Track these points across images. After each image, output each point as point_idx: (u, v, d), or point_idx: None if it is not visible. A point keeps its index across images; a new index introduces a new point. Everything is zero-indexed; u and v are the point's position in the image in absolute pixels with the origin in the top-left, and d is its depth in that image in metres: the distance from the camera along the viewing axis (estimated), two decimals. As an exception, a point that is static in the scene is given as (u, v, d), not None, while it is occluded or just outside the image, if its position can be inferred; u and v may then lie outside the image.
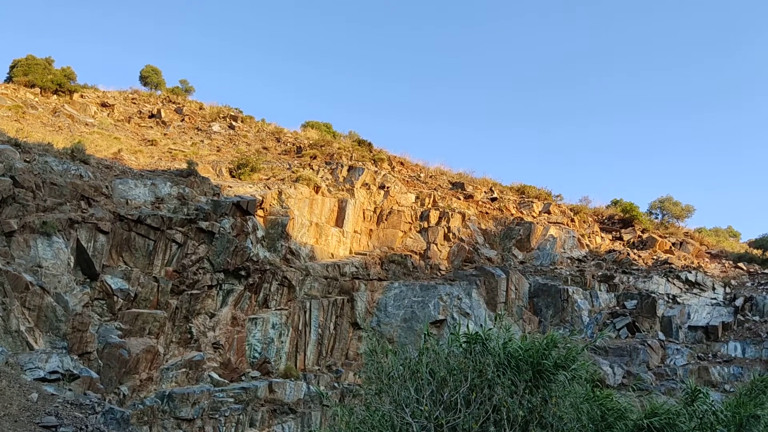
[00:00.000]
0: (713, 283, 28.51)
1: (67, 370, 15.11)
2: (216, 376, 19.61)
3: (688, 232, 35.69)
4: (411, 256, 27.05)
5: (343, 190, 27.87)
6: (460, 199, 31.64)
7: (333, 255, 25.57)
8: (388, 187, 29.05)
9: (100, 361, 16.65)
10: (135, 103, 36.51)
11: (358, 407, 8.61)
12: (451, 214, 29.03)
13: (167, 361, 18.72)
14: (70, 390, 14.67)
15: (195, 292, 20.01)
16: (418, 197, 30.07)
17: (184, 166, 24.43)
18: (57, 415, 12.77)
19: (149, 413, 16.95)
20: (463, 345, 8.67)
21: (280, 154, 32.35)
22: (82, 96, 34.00)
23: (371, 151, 33.93)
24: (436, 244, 28.10)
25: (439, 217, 28.97)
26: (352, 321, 23.95)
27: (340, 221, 26.50)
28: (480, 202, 32.20)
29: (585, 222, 34.10)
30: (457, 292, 25.30)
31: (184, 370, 18.85)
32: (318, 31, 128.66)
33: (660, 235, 33.61)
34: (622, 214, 35.79)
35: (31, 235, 16.87)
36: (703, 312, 26.76)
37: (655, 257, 30.98)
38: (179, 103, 37.66)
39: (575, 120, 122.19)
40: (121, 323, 17.94)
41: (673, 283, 28.08)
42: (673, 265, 29.54)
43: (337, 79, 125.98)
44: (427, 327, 9.25)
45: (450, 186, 33.63)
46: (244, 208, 22.20)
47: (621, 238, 33.84)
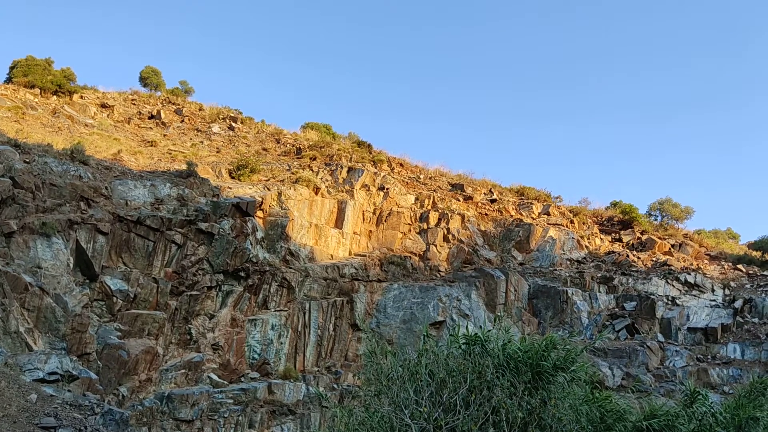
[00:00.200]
0: (712, 285, 28.53)
1: (66, 371, 15.10)
2: (215, 377, 19.60)
3: (687, 234, 35.71)
4: (410, 257, 27.05)
5: (342, 192, 27.88)
6: (459, 200, 31.65)
7: (332, 256, 25.58)
8: (387, 189, 29.06)
9: (100, 362, 16.64)
10: (135, 104, 36.53)
11: (358, 408, 8.62)
12: (451, 216, 29.04)
13: (166, 362, 18.71)
14: (69, 391, 14.67)
15: (194, 293, 20.00)
16: (417, 198, 30.08)
17: (184, 167, 24.43)
18: (56, 416, 12.77)
19: (148, 414, 16.94)
20: (463, 346, 8.69)
21: (279, 156, 32.36)
22: (81, 97, 34.01)
23: (371, 153, 33.94)
24: (436, 246, 28.10)
25: (439, 219, 28.97)
26: (352, 322, 23.94)
27: (339, 222, 26.50)
28: (479, 204, 32.21)
29: (584, 223, 34.12)
30: (456, 293, 25.30)
31: (184, 371, 18.84)
32: (318, 32, 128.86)
33: (659, 237, 33.64)
34: (622, 215, 35.83)
35: (31, 236, 16.88)
36: (703, 314, 26.77)
37: (654, 259, 31.00)
38: (179, 104, 37.67)
39: (575, 120, 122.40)
40: (121, 324, 17.94)
41: (673, 285, 28.09)
42: (672, 267, 29.56)
43: (336, 79, 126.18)
44: (426, 328, 9.26)
45: (449, 187, 33.64)
46: (243, 210, 22.20)
47: (620, 240, 33.87)
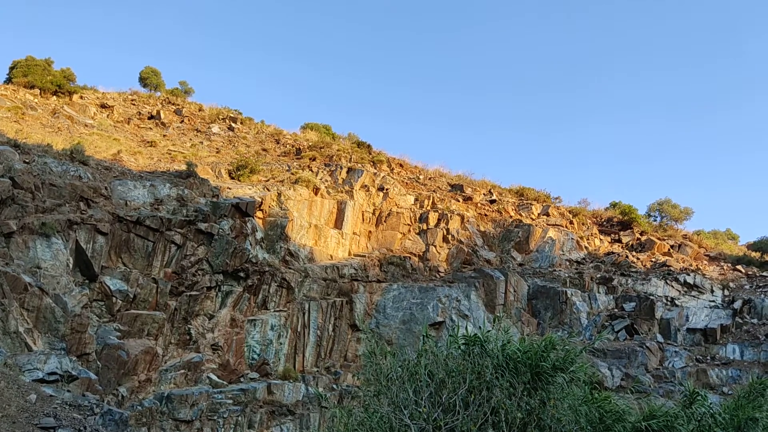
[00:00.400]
0: (712, 286, 28.54)
1: (65, 372, 15.10)
2: (215, 377, 19.60)
3: (686, 235, 35.72)
4: (410, 257, 27.05)
5: (342, 192, 27.88)
6: (459, 201, 31.66)
7: (332, 257, 25.58)
8: (387, 189, 29.06)
9: (99, 363, 16.64)
10: (134, 104, 36.53)
11: (357, 409, 8.63)
12: (450, 216, 29.05)
13: (166, 362, 18.71)
14: (68, 391, 14.67)
15: (194, 293, 20.01)
16: (417, 199, 30.09)
17: (184, 167, 24.43)
18: (55, 416, 12.77)
19: (148, 414, 16.94)
20: (462, 347, 8.70)
21: (279, 156, 32.37)
22: (81, 97, 34.00)
23: (370, 153, 33.95)
24: (435, 246, 28.11)
25: (438, 219, 28.98)
26: (351, 323, 23.94)
27: (339, 223, 26.51)
28: (479, 204, 32.21)
29: (584, 224, 34.13)
30: (455, 294, 25.30)
31: (183, 371, 18.84)
32: (318, 33, 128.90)
33: (658, 238, 33.65)
34: (621, 216, 35.84)
35: (30, 236, 16.88)
36: (702, 314, 26.78)
37: (653, 259, 31.01)
38: (178, 105, 37.67)
39: (574, 122, 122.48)
40: (120, 324, 17.94)
41: (672, 286, 28.11)
42: (671, 268, 29.57)
43: (336, 81, 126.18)
44: (425, 329, 9.27)
45: (449, 188, 33.65)
46: (243, 210, 22.21)
47: (620, 241, 33.88)
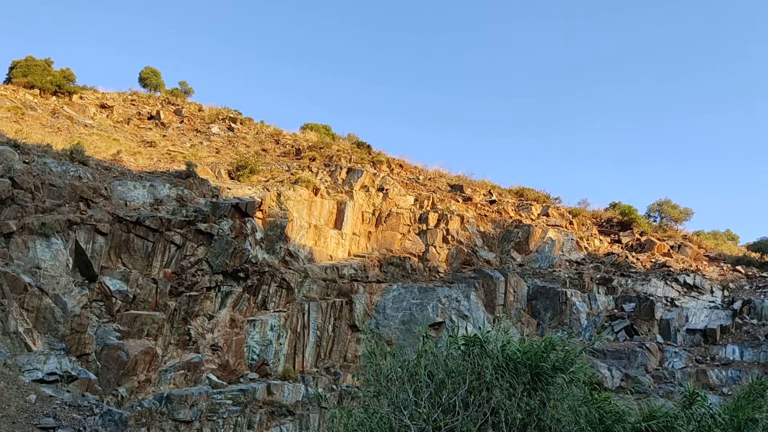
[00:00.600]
0: (711, 286, 28.54)
1: (65, 372, 15.10)
2: (214, 377, 19.59)
3: (686, 235, 35.72)
4: (409, 258, 27.05)
5: (341, 192, 27.88)
6: (458, 201, 31.66)
7: (332, 257, 25.58)
8: (386, 189, 29.06)
9: (99, 363, 16.63)
10: (134, 104, 36.52)
11: (357, 409, 8.63)
12: (450, 217, 29.05)
13: (165, 362, 18.70)
14: (68, 391, 14.67)
15: (193, 293, 20.00)
16: (416, 199, 30.09)
17: (183, 167, 24.43)
18: (55, 416, 12.77)
19: (147, 415, 16.93)
20: (462, 347, 8.70)
21: (279, 156, 32.37)
22: (81, 97, 34.00)
23: (370, 154, 33.95)
24: (435, 247, 28.11)
25: (438, 220, 28.98)
26: (351, 323, 23.93)
27: (338, 223, 26.50)
28: (479, 205, 32.21)
29: (583, 225, 34.13)
30: (455, 294, 25.30)
31: (183, 371, 18.83)
32: (318, 34, 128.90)
33: (658, 238, 33.66)
34: (621, 217, 35.84)
35: (30, 237, 16.87)
36: (702, 315, 26.78)
37: (653, 260, 31.01)
38: (178, 105, 37.66)
39: (575, 124, 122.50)
40: (120, 325, 17.93)
41: (672, 286, 28.11)
42: (671, 268, 29.57)
43: (336, 81, 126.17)
44: (425, 329, 9.27)
45: (449, 188, 33.65)
46: (242, 210, 22.21)
47: (619, 241, 33.88)
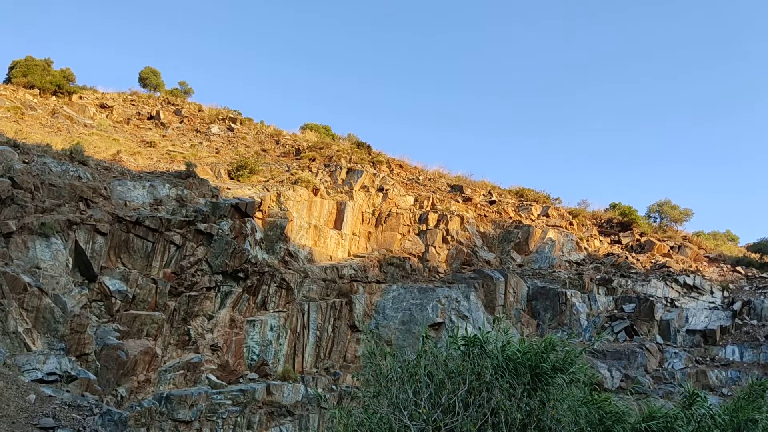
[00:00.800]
0: (711, 287, 28.54)
1: (64, 372, 15.10)
2: (214, 378, 19.58)
3: (686, 236, 35.72)
4: (409, 258, 27.04)
5: (341, 193, 27.87)
6: (458, 201, 31.65)
7: (331, 257, 25.57)
8: (386, 190, 29.05)
9: (98, 363, 16.63)
10: (134, 104, 36.51)
11: (356, 410, 8.62)
12: (450, 217, 29.05)
13: (165, 362, 18.69)
14: (67, 391, 14.66)
15: (193, 293, 19.99)
16: (416, 200, 30.08)
17: (183, 167, 24.42)
18: (54, 416, 12.76)
19: (147, 415, 16.92)
20: (462, 348, 8.70)
21: (278, 156, 32.36)
22: (81, 97, 33.99)
23: (370, 154, 33.94)
24: (435, 247, 28.10)
25: (438, 220, 28.97)
26: (350, 323, 23.93)
27: (338, 223, 26.49)
28: (479, 205, 32.21)
29: (583, 225, 34.12)
30: (455, 294, 25.29)
31: (182, 371, 18.82)
32: (318, 34, 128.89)
33: (658, 239, 33.65)
34: (621, 217, 35.83)
35: (30, 236, 16.87)
36: (701, 316, 26.78)
37: (653, 261, 31.01)
38: (178, 105, 37.65)
39: (575, 125, 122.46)
40: (119, 325, 17.92)
41: (672, 287, 28.10)
42: (671, 269, 29.57)
43: (336, 82, 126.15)
44: (425, 330, 9.28)
45: (449, 189, 33.64)
46: (242, 210, 22.20)
47: (619, 242, 33.87)
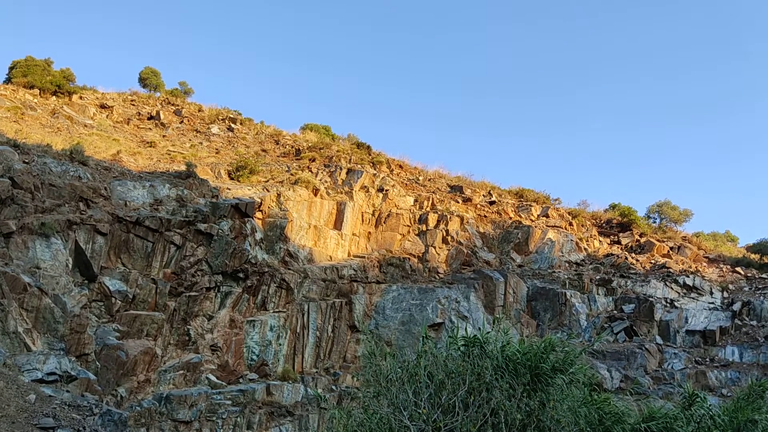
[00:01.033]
0: (711, 288, 28.55)
1: (64, 372, 15.10)
2: (213, 378, 19.58)
3: (686, 237, 35.73)
4: (409, 259, 27.05)
5: (341, 193, 27.88)
6: (458, 202, 31.66)
7: (331, 257, 25.58)
8: (386, 190, 29.06)
9: (98, 363, 16.63)
10: (134, 104, 36.52)
11: (356, 410, 8.63)
12: (450, 218, 29.06)
13: (165, 363, 18.70)
14: (67, 391, 14.66)
15: (193, 294, 20.00)
16: (416, 200, 30.09)
17: (183, 167, 24.43)
18: (54, 416, 12.77)
19: (147, 415, 16.92)
20: (461, 348, 8.71)
21: (278, 157, 32.37)
22: (81, 97, 33.99)
23: (370, 154, 33.95)
24: (435, 247, 28.11)
25: (438, 220, 28.98)
26: (350, 324, 23.94)
27: (338, 224, 26.50)
28: (478, 206, 32.22)
29: (583, 226, 34.13)
30: (455, 295, 25.30)
31: (182, 372, 18.83)
32: (318, 34, 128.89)
33: (658, 240, 33.66)
34: (621, 218, 35.82)
35: (30, 237, 16.87)
36: (701, 316, 26.79)
37: (653, 261, 31.02)
38: (178, 105, 37.65)
39: (575, 125, 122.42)
40: (119, 325, 17.93)
41: (671, 288, 28.11)
42: (671, 270, 29.58)
43: (336, 82, 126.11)
44: (425, 330, 9.28)
45: (448, 189, 33.64)
46: (242, 210, 22.21)
47: (619, 242, 33.88)
